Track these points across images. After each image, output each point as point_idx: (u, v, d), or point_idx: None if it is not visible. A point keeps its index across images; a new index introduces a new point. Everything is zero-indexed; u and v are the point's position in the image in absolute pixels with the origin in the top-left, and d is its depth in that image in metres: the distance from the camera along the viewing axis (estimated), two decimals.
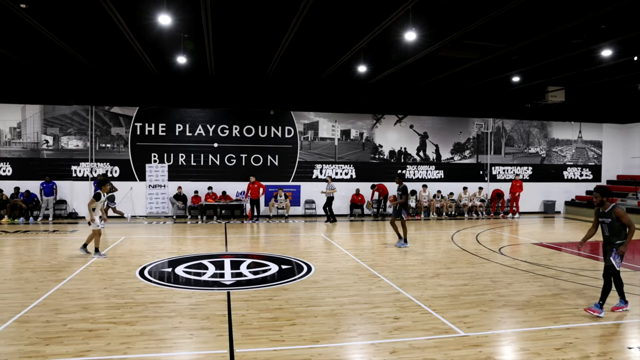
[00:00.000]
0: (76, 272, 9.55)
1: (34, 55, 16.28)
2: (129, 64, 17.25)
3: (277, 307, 7.37)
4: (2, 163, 18.61)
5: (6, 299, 7.68)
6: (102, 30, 13.27)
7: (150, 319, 6.78)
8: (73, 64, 17.07)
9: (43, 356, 5.48)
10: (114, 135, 19.10)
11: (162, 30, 12.76)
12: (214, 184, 19.27)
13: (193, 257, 11.23)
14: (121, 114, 19.12)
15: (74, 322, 6.60)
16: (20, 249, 12.42)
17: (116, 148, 19.13)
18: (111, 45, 14.83)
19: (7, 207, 17.60)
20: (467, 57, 15.28)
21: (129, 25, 12.45)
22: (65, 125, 18.90)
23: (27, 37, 14.03)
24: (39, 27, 12.64)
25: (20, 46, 15.23)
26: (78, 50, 15.20)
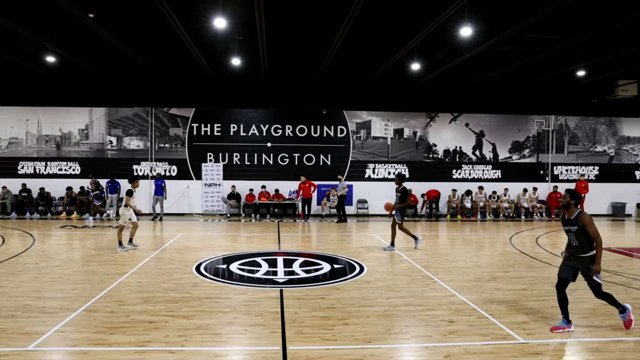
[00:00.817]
0: (137, 267, 9.96)
1: (100, 61, 17.12)
2: (186, 67, 17.81)
3: (329, 306, 7.38)
4: (71, 162, 19.72)
5: (76, 290, 8.13)
6: (162, 36, 13.76)
7: (206, 313, 6.96)
8: (135, 68, 17.83)
9: (108, 344, 5.76)
10: (172, 135, 19.78)
11: (217, 33, 13.06)
12: (267, 183, 19.58)
13: (247, 255, 11.44)
14: (179, 115, 19.77)
15: (136, 313, 6.89)
16: (87, 243, 13.10)
17: (174, 148, 19.81)
18: (170, 49, 15.35)
19: (76, 204, 18.62)
20: (527, 51, 14.72)
21: (186, 29, 12.85)
22: (127, 126, 19.77)
23: (94, 44, 14.74)
24: (105, 34, 13.30)
25: (87, 53, 16.07)
26: (139, 55, 15.86)
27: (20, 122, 19.77)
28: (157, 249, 12.11)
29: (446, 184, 20.37)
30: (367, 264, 10.46)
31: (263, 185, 19.47)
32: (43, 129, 19.80)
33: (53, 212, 19.10)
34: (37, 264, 10.17)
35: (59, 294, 7.88)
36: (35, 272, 9.41)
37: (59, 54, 15.68)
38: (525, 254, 11.94)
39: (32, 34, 13.52)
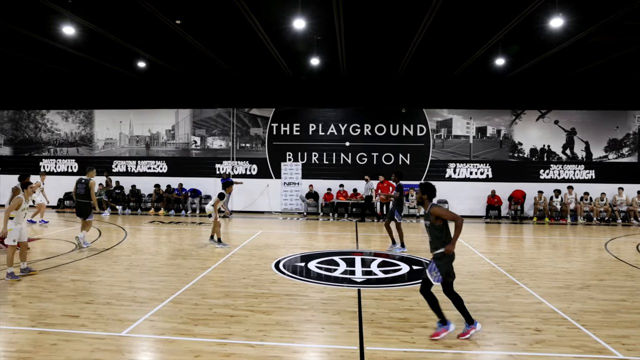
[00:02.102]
0: (219, 262, 10.32)
1: (185, 64, 17.99)
2: (266, 68, 18.25)
3: (407, 307, 7.22)
4: (159, 161, 20.89)
5: (163, 282, 8.56)
6: (243, 38, 14.19)
7: (284, 310, 7.06)
8: (217, 71, 18.56)
9: (192, 335, 6.00)
10: (253, 135, 20.35)
11: (297, 34, 13.26)
12: (345, 182, 19.59)
13: (325, 253, 11.49)
14: (259, 115, 20.30)
15: (218, 307, 7.13)
16: (173, 238, 13.79)
17: (254, 147, 20.37)
18: (251, 51, 15.80)
19: (163, 201, 19.69)
20: (627, 41, 13.57)
21: (266, 31, 13.17)
22: (210, 126, 20.60)
23: (180, 49, 15.51)
24: (191, 39, 13.97)
25: (174, 57, 16.94)
26: (222, 57, 16.48)
27: (115, 124, 21.24)
28: (237, 245, 12.49)
29: (532, 184, 19.30)
30: None
31: (341, 184, 19.51)
32: (134, 130, 21.13)
33: (142, 208, 20.32)
34: (129, 256, 10.84)
35: (148, 285, 8.34)
36: (128, 264, 10.04)
37: (149, 60, 16.67)
38: (623, 262, 11.01)
39: (125, 42, 14.47)
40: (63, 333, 6.01)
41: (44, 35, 13.93)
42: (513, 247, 13.16)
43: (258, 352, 5.51)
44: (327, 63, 16.91)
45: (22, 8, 11.86)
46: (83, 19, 12.35)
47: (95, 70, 18.93)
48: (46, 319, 6.54)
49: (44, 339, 5.83)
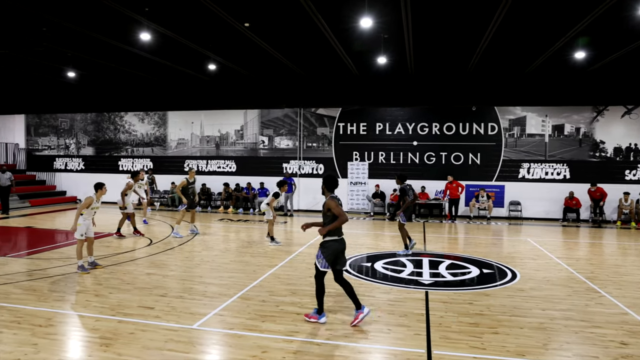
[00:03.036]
0: (286, 260, 10.46)
1: (254, 66, 18.40)
2: (333, 68, 18.30)
3: (477, 312, 6.97)
4: (228, 161, 21.53)
5: (232, 278, 8.79)
6: (310, 39, 14.29)
7: (350, 310, 6.97)
8: (285, 71, 18.83)
9: (260, 330, 6.11)
10: (319, 135, 20.48)
11: (363, 32, 13.19)
12: (412, 182, 19.16)
13: (391, 254, 11.34)
14: (326, 115, 20.40)
15: (285, 304, 7.21)
16: (241, 235, 14.14)
17: (321, 147, 20.49)
18: (317, 51, 15.89)
19: (232, 199, 20.27)
20: None
21: (333, 31, 13.19)
22: (278, 126, 20.95)
23: (249, 51, 15.88)
24: (258, 41, 14.27)
25: (243, 59, 17.37)
26: (289, 58, 16.71)
27: (187, 125, 22.12)
28: (304, 244, 12.59)
29: (616, 186, 18.03)
30: (520, 271, 9.70)
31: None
32: (205, 130, 21.90)
33: (212, 206, 21.00)
34: (200, 252, 11.23)
35: (218, 281, 8.59)
36: (199, 260, 10.40)
37: (219, 62, 17.19)
38: None
39: (197, 46, 15.01)
40: (139, 323, 6.31)
41: (124, 42, 14.74)
42: (594, 253, 12.38)
43: (324, 351, 5.51)
44: (394, 61, 16.70)
45: (105, 18, 12.60)
46: (158, 25, 12.95)
47: (168, 74, 19.81)
48: (124, 309, 6.91)
49: (123, 327, 6.15)
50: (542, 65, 16.76)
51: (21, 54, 16.90)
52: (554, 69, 17.44)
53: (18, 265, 9.82)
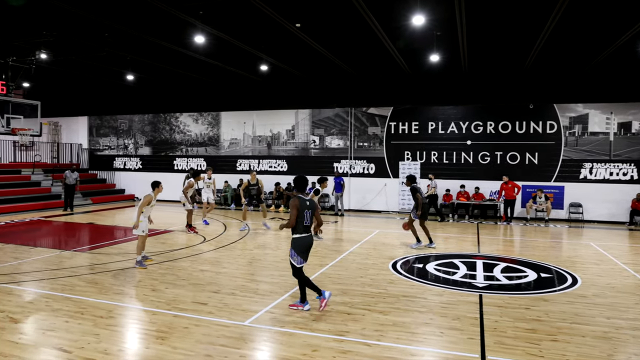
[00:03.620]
0: (337, 260, 10.45)
1: (305, 66, 18.52)
2: (384, 66, 18.14)
3: (535, 318, 6.69)
4: (280, 160, 21.77)
5: (283, 276, 8.87)
6: (361, 38, 14.22)
7: (402, 311, 6.92)
8: (335, 71, 18.84)
9: (310, 329, 6.13)
10: (371, 134, 20.35)
11: (415, 30, 12.99)
12: (466, 183, 18.81)
13: (444, 256, 11.11)
14: (377, 114, 20.25)
15: (335, 304, 7.20)
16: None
17: (372, 146, 20.35)
18: (368, 50, 15.79)
19: (283, 198, 20.48)
20: None
21: (384, 29, 13.06)
22: (329, 126, 20.99)
23: (300, 51, 15.99)
24: (310, 41, 14.33)
25: (294, 59, 17.52)
26: (340, 58, 16.69)
27: (239, 125, 22.54)
28: (355, 244, 12.54)
29: None
30: (581, 276, 9.25)
31: (462, 184, 18.76)
32: (257, 130, 22.24)
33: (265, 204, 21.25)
34: (251, 251, 11.41)
35: (269, 279, 8.69)
36: (250, 258, 10.57)
37: (271, 63, 17.41)
38: None
39: (249, 47, 15.26)
40: (193, 318, 6.48)
41: (179, 45, 15.19)
42: None
43: (374, 352, 5.46)
44: (446, 59, 16.35)
45: (162, 22, 13.03)
46: (212, 27, 13.25)
47: (222, 75, 20.26)
48: (179, 304, 7.11)
49: (178, 322, 6.33)
50: (607, 59, 15.92)
51: (85, 60, 17.78)
52: (621, 63, 16.53)
53: (82, 259, 10.32)
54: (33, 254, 10.71)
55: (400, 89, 19.88)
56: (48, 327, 6.15)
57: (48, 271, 9.07)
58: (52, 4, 11.48)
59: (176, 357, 5.25)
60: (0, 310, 6.75)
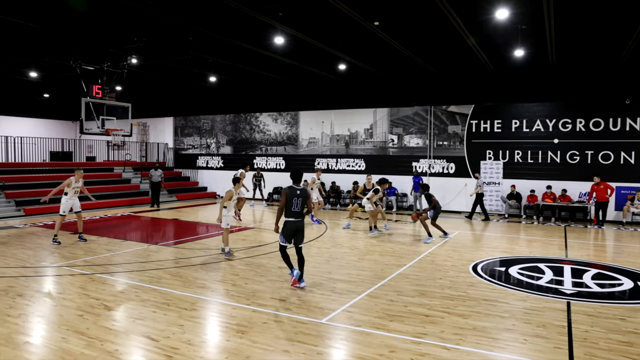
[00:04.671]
0: (415, 260, 10.27)
1: (383, 64, 18.36)
2: (465, 63, 17.58)
3: (631, 330, 6.19)
4: (357, 159, 21.76)
5: (360, 275, 8.86)
6: (441, 34, 13.86)
7: (482, 315, 6.67)
8: (414, 69, 18.52)
9: (387, 330, 6.06)
10: (451, 133, 19.80)
11: (498, 24, 12.47)
12: (552, 183, 17.79)
13: (527, 259, 10.59)
14: (457, 112, 19.66)
15: (413, 305, 7.08)
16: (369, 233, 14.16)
17: (452, 145, 19.80)
18: (449, 46, 15.36)
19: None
20: None
21: (465, 24, 12.63)
22: (407, 125, 20.67)
23: (378, 49, 15.87)
24: (388, 39, 14.19)
25: (372, 58, 17.42)
26: (419, 55, 16.39)
27: (317, 124, 22.77)
28: (433, 245, 12.27)
29: None
30: None
31: (548, 185, 17.76)
32: (335, 129, 22.35)
33: (342, 204, 21.36)
34: (328, 249, 11.49)
35: (346, 277, 8.71)
36: (327, 256, 10.64)
37: (349, 62, 17.42)
38: None
39: (327, 46, 15.36)
40: (272, 314, 6.62)
41: (259, 46, 15.60)
42: None
43: (453, 356, 5.30)
44: (532, 53, 15.56)
45: (242, 25, 13.44)
46: (291, 28, 13.48)
47: (300, 75, 20.57)
48: (258, 299, 7.30)
49: (257, 316, 6.50)
50: None
51: (171, 63, 18.76)
52: None
53: (167, 253, 10.90)
54: (124, 247, 11.46)
55: (482, 86, 19.18)
56: (137, 315, 6.55)
57: (137, 263, 9.66)
58: (142, 11, 12.20)
59: (255, 351, 5.38)
60: (96, 298, 7.28)
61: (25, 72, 21.26)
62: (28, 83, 24.07)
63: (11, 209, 17.37)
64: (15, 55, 17.93)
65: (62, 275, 8.81)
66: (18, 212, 17.29)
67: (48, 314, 6.66)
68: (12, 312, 6.66)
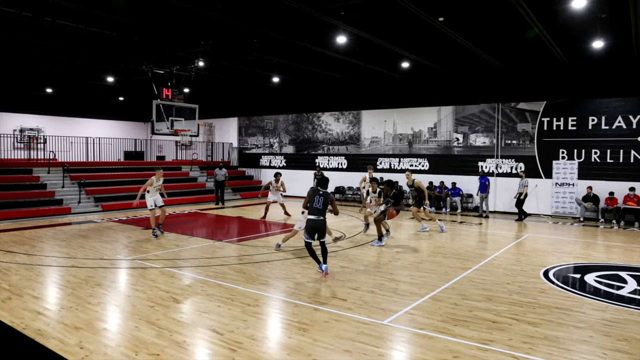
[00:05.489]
0: (481, 263, 9.87)
1: (447, 61, 17.85)
2: (536, 57, 16.74)
3: None
4: (420, 159, 21.30)
5: (423, 277, 8.62)
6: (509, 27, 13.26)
7: (555, 324, 6.27)
8: (481, 65, 17.87)
9: (452, 334, 5.83)
10: (520, 131, 18.93)
11: (573, 14, 11.75)
12: (636, 185, 16.53)
13: (606, 266, 9.89)
14: (527, 110, 18.76)
15: (479, 310, 6.77)
16: (432, 235, 13.81)
17: (521, 144, 18.92)
18: (518, 40, 14.66)
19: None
20: None
21: (536, 15, 11.98)
22: (473, 123, 19.99)
23: (442, 46, 15.43)
24: (454, 35, 13.75)
25: (436, 55, 16.98)
26: (486, 50, 15.78)
27: (380, 123, 22.51)
28: (500, 248, 11.77)
29: None
30: None
31: (631, 187, 16.47)
32: (397, 128, 22.00)
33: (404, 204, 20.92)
34: (391, 250, 11.28)
35: (409, 279, 8.50)
36: (390, 257, 10.44)
37: (412, 59, 17.07)
38: None
39: (390, 44, 15.12)
40: (333, 313, 6.55)
41: (321, 46, 15.60)
42: None
43: None
44: (612, 44, 14.53)
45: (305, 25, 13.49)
46: (353, 27, 13.37)
47: (362, 74, 20.41)
48: (320, 298, 7.26)
49: (318, 315, 6.46)
50: None
51: (235, 65, 19.18)
52: None
53: (231, 249, 11.12)
54: (191, 243, 11.82)
55: (554, 81, 18.18)
56: (203, 309, 6.70)
57: (203, 259, 9.91)
58: (209, 16, 12.53)
59: (316, 350, 5.34)
60: (166, 291, 7.54)
61: (103, 78, 22.50)
62: (105, 87, 25.46)
63: (90, 205, 18.49)
64: (95, 62, 19.02)
65: (135, 268, 9.20)
66: (96, 208, 18.38)
67: (122, 303, 6.98)
68: (92, 300, 7.08)
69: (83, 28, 13.72)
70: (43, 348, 5.35)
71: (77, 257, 10.04)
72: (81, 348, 5.34)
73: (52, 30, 14.22)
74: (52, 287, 7.95)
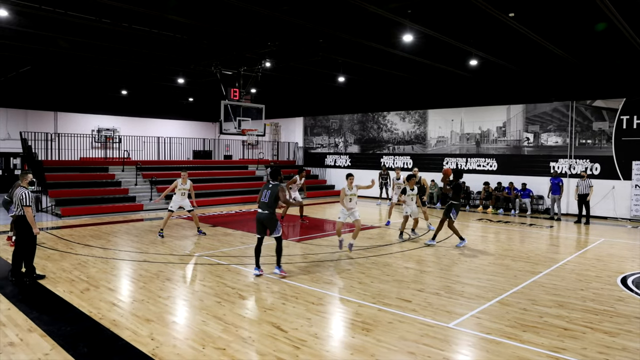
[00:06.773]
0: (552, 268, 9.50)
1: (518, 58, 17.21)
2: (614, 51, 15.79)
3: None
4: (489, 159, 20.69)
5: (490, 281, 8.43)
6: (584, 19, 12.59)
7: (635, 335, 5.95)
8: (554, 61, 17.08)
9: (520, 340, 5.68)
10: (596, 130, 17.94)
11: None
12: None
13: None
14: (604, 107, 17.75)
15: (549, 316, 6.55)
16: (501, 237, 13.43)
17: (597, 144, 17.93)
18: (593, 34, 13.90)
19: (492, 198, 19.43)
20: None
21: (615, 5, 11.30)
22: (545, 122, 19.17)
23: (513, 42, 14.90)
24: (525, 31, 13.25)
25: (506, 52, 16.42)
26: (559, 46, 15.07)
27: (446, 122, 22.06)
28: (574, 252, 11.26)
29: None
30: None
31: None
32: (465, 127, 21.48)
33: (471, 205, 20.47)
34: (457, 252, 11.07)
35: (475, 282, 8.33)
36: (456, 259, 10.27)
37: (480, 57, 16.60)
38: None
39: (458, 42, 14.80)
40: (397, 314, 6.56)
41: (387, 45, 15.52)
42: None
43: None
44: None
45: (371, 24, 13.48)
46: (420, 25, 13.20)
47: (429, 73, 20.08)
48: (384, 298, 7.28)
49: (382, 316, 6.49)
50: None
51: (301, 65, 19.46)
52: None
53: (296, 248, 11.34)
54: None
55: (635, 76, 17.08)
56: (268, 306, 6.91)
57: (268, 257, 10.16)
58: (276, 17, 12.81)
59: (380, 350, 5.37)
60: (232, 287, 7.83)
61: (174, 79, 23.54)
62: (176, 88, 26.62)
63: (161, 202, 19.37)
64: (167, 65, 19.94)
65: (203, 264, 9.61)
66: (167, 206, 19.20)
67: (191, 298, 7.32)
68: (162, 293, 7.46)
69: (157, 32, 14.44)
70: (118, 338, 5.71)
71: (148, 252, 10.62)
72: (152, 339, 5.65)
73: (127, 35, 15.06)
74: (125, 280, 8.47)
